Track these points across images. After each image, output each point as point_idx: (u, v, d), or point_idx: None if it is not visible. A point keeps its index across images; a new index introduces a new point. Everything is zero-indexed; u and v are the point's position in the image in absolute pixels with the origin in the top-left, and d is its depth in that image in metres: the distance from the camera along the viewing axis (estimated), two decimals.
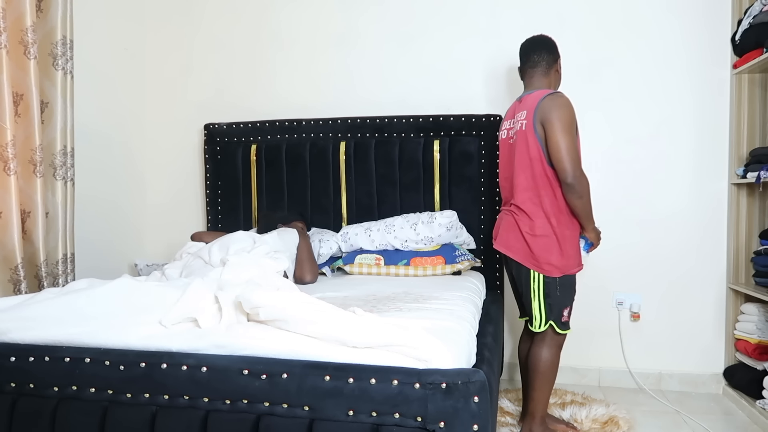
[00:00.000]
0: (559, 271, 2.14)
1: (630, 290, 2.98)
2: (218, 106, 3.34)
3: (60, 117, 2.48)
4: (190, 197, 3.42)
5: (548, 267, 2.13)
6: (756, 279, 2.71)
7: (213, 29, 3.35)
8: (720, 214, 2.92)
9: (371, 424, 1.24)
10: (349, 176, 3.07)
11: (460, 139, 2.97)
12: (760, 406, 2.53)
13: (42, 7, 2.43)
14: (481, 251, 2.97)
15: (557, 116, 2.05)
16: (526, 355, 2.36)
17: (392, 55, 3.17)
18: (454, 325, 1.73)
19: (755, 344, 2.67)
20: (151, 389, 1.32)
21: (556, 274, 2.14)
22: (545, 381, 2.22)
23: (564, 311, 2.18)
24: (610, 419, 2.48)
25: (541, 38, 2.31)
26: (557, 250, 2.13)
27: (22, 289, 2.26)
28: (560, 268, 2.14)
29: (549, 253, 2.13)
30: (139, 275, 3.00)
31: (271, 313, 1.43)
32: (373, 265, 2.77)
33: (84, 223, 2.83)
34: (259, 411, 1.28)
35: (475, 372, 1.23)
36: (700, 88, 2.90)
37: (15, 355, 1.40)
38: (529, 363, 2.26)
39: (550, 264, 2.13)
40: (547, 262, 2.13)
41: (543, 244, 2.13)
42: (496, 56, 3.05)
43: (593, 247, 2.25)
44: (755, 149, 2.69)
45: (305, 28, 3.25)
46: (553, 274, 2.14)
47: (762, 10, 2.56)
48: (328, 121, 3.11)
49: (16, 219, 2.25)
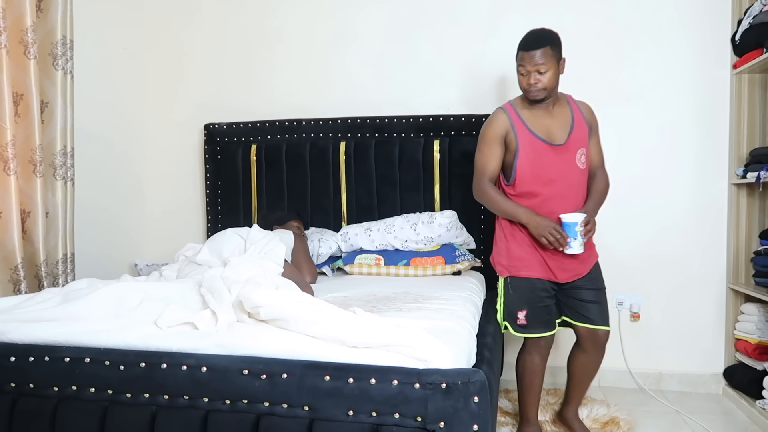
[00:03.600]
0: (507, 271, 2.24)
1: (630, 290, 2.98)
2: (218, 106, 3.34)
3: (60, 117, 2.48)
4: (190, 197, 3.42)
5: (499, 267, 2.28)
6: (756, 279, 2.71)
7: (213, 29, 3.35)
8: (720, 214, 2.92)
9: (371, 424, 1.24)
10: (349, 176, 3.07)
11: (460, 139, 2.97)
12: (760, 406, 2.53)
13: (42, 7, 2.43)
14: (481, 251, 2.97)
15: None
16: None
17: (392, 54, 3.17)
18: (454, 325, 1.73)
19: (755, 344, 2.67)
20: (151, 389, 1.33)
21: (504, 274, 2.25)
22: (520, 385, 2.32)
23: (519, 314, 2.21)
24: (611, 420, 2.48)
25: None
26: (504, 251, 2.25)
27: (22, 289, 2.26)
28: (507, 269, 2.24)
29: (498, 254, 2.28)
30: (139, 275, 3.00)
31: (271, 313, 1.43)
32: (373, 265, 2.77)
33: (84, 223, 2.83)
34: (259, 411, 1.28)
35: (475, 372, 1.23)
36: (700, 88, 2.90)
37: (15, 355, 1.40)
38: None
39: (500, 264, 2.27)
40: (498, 263, 2.28)
41: (496, 246, 2.31)
42: (496, 56, 3.05)
43: (584, 238, 2.11)
44: (755, 149, 2.69)
45: (305, 27, 3.25)
46: (502, 273, 2.26)
47: (762, 10, 2.56)
48: (327, 121, 3.11)
49: (16, 219, 2.25)
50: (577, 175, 2.19)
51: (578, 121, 2.19)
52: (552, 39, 2.12)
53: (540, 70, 2.09)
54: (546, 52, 2.09)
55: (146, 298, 1.63)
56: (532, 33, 2.15)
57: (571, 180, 2.18)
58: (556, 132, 2.17)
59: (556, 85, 2.15)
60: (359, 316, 1.43)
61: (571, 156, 2.17)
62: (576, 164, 2.17)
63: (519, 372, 2.31)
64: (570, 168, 2.17)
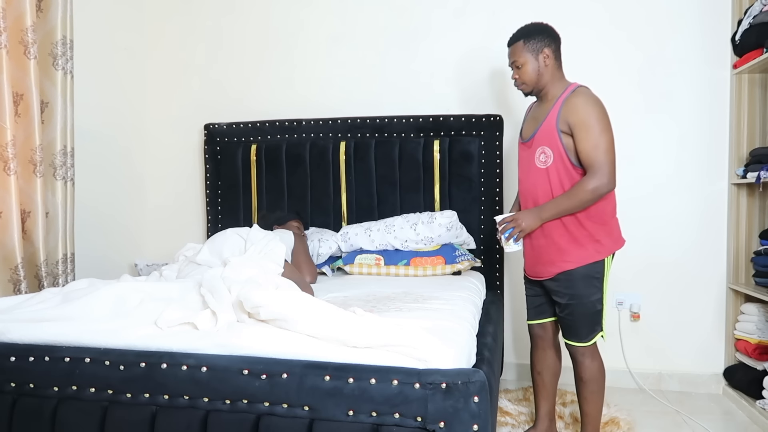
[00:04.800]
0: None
1: (630, 290, 2.98)
2: (218, 106, 3.35)
3: (60, 117, 2.48)
4: (190, 197, 3.42)
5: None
6: (756, 279, 2.71)
7: (213, 29, 3.36)
8: (720, 214, 2.92)
9: (371, 424, 1.24)
10: (349, 176, 3.07)
11: (460, 139, 2.97)
12: (760, 406, 2.53)
13: (42, 7, 2.43)
14: (481, 251, 2.97)
15: None
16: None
17: (392, 54, 3.17)
18: (454, 325, 1.73)
19: (755, 344, 2.67)
20: (151, 389, 1.33)
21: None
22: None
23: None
24: (611, 420, 2.48)
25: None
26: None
27: (22, 289, 2.26)
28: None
29: None
30: (139, 275, 3.00)
31: (271, 313, 1.43)
32: (373, 265, 2.77)
33: (84, 223, 2.83)
34: (259, 411, 1.28)
35: (475, 372, 1.23)
36: (700, 88, 2.90)
37: (15, 355, 1.40)
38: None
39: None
40: None
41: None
42: (496, 56, 3.05)
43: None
44: (755, 149, 2.69)
45: (305, 27, 3.25)
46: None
47: (762, 10, 2.56)
48: (328, 121, 3.11)
49: (16, 219, 2.25)
50: (535, 173, 2.09)
51: (549, 118, 2.06)
52: (527, 33, 2.11)
53: (516, 65, 2.13)
54: (517, 48, 2.11)
55: (146, 298, 1.63)
56: (517, 29, 2.18)
57: (531, 178, 2.12)
58: (529, 128, 2.18)
59: (540, 79, 2.10)
60: (359, 316, 1.43)
61: (532, 153, 2.11)
62: (534, 162, 2.09)
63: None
64: (529, 166, 2.12)
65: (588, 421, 2.15)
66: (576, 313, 2.07)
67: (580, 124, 1.99)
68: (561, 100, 2.06)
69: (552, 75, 2.11)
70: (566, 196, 2.01)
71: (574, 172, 2.04)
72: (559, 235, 2.06)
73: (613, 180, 1.99)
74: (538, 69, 2.09)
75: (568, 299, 2.07)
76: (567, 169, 2.04)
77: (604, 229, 2.07)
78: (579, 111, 2.00)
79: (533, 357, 2.30)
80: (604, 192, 1.99)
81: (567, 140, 2.02)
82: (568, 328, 2.11)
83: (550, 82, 2.11)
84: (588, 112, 1.99)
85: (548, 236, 2.09)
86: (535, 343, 2.29)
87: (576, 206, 2.00)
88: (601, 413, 2.17)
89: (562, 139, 2.02)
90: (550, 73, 2.10)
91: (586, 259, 2.05)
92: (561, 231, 2.06)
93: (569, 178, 2.04)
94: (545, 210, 2.05)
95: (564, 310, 2.10)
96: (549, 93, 2.12)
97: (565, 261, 2.06)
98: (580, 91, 2.05)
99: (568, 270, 2.06)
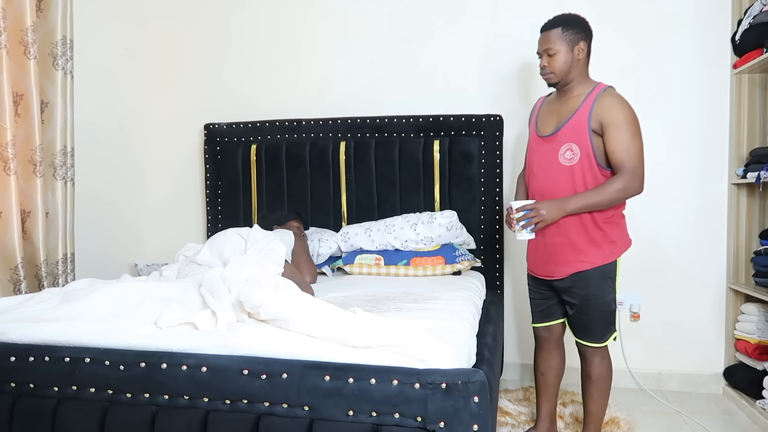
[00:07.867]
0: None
1: (630, 290, 2.98)
2: (218, 106, 3.35)
3: (60, 117, 2.48)
4: (190, 197, 3.42)
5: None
6: (756, 279, 2.71)
7: (213, 29, 3.35)
8: (720, 214, 2.92)
9: (371, 424, 1.24)
10: (349, 176, 3.07)
11: (460, 139, 2.97)
12: (760, 406, 2.53)
13: (42, 7, 2.43)
14: (481, 251, 2.97)
15: None
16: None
17: (392, 54, 3.17)
18: (454, 325, 1.73)
19: (755, 344, 2.67)
20: (151, 389, 1.32)
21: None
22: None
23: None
24: (611, 420, 2.47)
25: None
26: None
27: (22, 289, 2.26)
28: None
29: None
30: (139, 275, 3.00)
31: (271, 313, 1.43)
32: (373, 265, 2.77)
33: (84, 223, 2.83)
34: (259, 411, 1.28)
35: (475, 372, 1.23)
36: (700, 88, 2.90)
37: (15, 355, 1.40)
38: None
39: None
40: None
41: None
42: (496, 56, 3.05)
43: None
44: (755, 149, 2.69)
45: (305, 27, 3.25)
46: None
47: (762, 10, 2.56)
48: (328, 121, 3.11)
49: (16, 219, 2.25)
50: (557, 170, 2.04)
51: (579, 115, 2.00)
52: (566, 22, 2.03)
53: (549, 53, 2.03)
54: (555, 34, 2.02)
55: (146, 298, 1.63)
56: (554, 16, 2.09)
57: (551, 174, 2.06)
58: (550, 123, 2.10)
59: (570, 71, 2.04)
60: (359, 316, 1.43)
61: (555, 149, 2.04)
62: (558, 159, 2.03)
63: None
64: (551, 162, 2.05)
65: (591, 419, 2.15)
66: (591, 314, 2.06)
67: (615, 124, 1.95)
68: (592, 98, 2.01)
69: (581, 71, 2.06)
70: (596, 191, 1.97)
71: (599, 173, 2.00)
72: (576, 234, 2.03)
73: (642, 184, 1.98)
74: (571, 61, 2.02)
75: (583, 300, 2.05)
76: (593, 169, 2.00)
77: (617, 229, 2.08)
78: (614, 111, 1.97)
79: (537, 358, 2.30)
80: (632, 194, 1.98)
81: (597, 140, 1.99)
82: (583, 328, 2.10)
83: (578, 77, 2.06)
84: (623, 113, 1.97)
85: (565, 234, 2.04)
86: (540, 345, 2.29)
87: (603, 203, 1.97)
88: (604, 413, 2.17)
89: (593, 138, 1.98)
90: (580, 68, 2.06)
91: (602, 259, 2.04)
92: (579, 231, 2.03)
93: (594, 178, 2.00)
94: (570, 203, 1.98)
95: (578, 311, 2.08)
96: (575, 89, 2.06)
97: (582, 261, 2.04)
98: (613, 92, 2.03)
99: (583, 270, 2.04)
